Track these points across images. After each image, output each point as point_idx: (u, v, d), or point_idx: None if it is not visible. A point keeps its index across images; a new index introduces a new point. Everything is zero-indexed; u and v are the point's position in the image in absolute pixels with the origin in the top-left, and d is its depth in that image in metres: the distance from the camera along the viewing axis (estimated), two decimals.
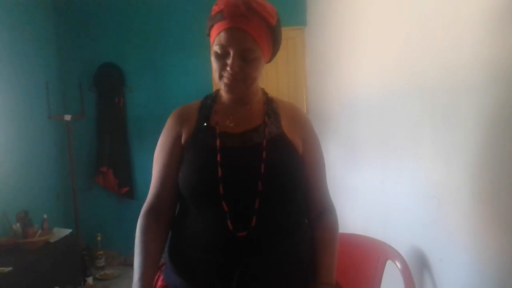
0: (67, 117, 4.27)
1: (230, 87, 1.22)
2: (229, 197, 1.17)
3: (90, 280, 3.84)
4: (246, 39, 1.16)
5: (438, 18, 1.64)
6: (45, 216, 3.64)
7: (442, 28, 1.61)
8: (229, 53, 1.17)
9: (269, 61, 1.32)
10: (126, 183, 4.54)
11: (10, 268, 2.82)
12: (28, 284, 2.98)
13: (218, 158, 1.20)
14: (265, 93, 1.39)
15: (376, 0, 2.34)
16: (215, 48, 1.19)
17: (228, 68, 1.18)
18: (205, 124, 1.29)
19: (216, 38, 1.18)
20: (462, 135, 1.50)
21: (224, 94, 1.31)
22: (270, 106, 1.34)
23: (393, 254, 1.85)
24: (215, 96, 1.38)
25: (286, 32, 4.33)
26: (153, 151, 1.38)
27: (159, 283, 1.33)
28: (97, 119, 4.51)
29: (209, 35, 1.26)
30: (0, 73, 3.52)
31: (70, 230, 3.75)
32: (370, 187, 2.48)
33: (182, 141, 1.31)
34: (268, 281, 1.19)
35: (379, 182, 2.33)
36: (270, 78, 4.39)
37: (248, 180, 1.19)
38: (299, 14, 4.36)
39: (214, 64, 1.22)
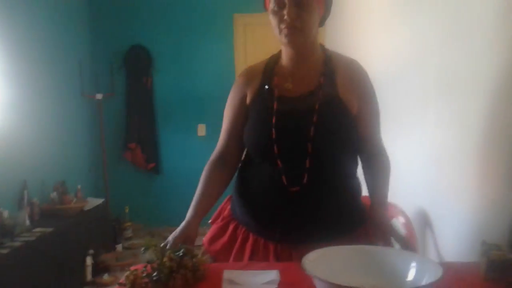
0: (99, 96, 4.55)
1: (290, 36, 1.31)
2: (283, 156, 1.35)
3: (119, 247, 4.14)
4: None
5: None
6: (79, 186, 3.94)
7: (445, 9, 1.79)
8: (285, 4, 1.28)
9: (322, 23, 1.41)
10: (153, 159, 4.83)
11: (51, 229, 3.12)
12: (67, 244, 3.29)
13: (273, 121, 1.35)
14: (324, 50, 1.45)
15: None
16: (272, 5, 1.31)
17: (285, 18, 1.28)
18: (266, 86, 1.42)
19: None
20: (460, 104, 1.68)
21: (284, 49, 1.40)
22: (328, 65, 1.41)
23: (398, 211, 2.05)
24: (277, 57, 1.47)
25: None
26: (178, 129, 1.58)
27: (226, 211, 1.55)
28: (126, 98, 4.80)
29: (265, 7, 1.39)
30: (37, 53, 3.81)
31: (103, 200, 4.05)
32: None
33: (247, 100, 1.45)
34: (313, 226, 1.37)
35: (389, 149, 2.52)
36: None
37: (299, 142, 1.34)
38: None
39: (273, 21, 1.33)
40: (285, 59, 1.44)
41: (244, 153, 1.53)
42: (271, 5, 1.33)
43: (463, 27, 1.66)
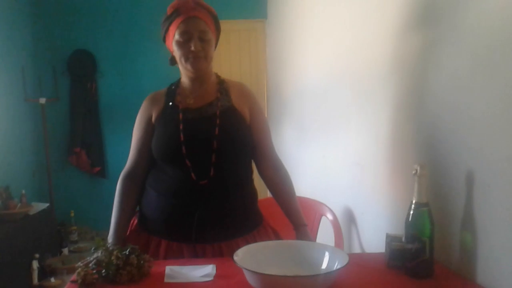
0: (42, 100, 4.54)
1: (195, 64, 1.55)
2: (191, 156, 1.56)
3: (65, 250, 4.17)
4: (200, 23, 1.55)
5: (362, 21, 2.07)
6: (23, 191, 3.92)
7: (364, 30, 2.04)
8: (190, 38, 1.53)
9: (215, 46, 1.67)
10: (98, 163, 4.87)
11: None
12: (13, 249, 3.31)
13: (181, 127, 1.58)
14: (217, 76, 1.72)
15: (321, 0, 2.76)
16: (177, 38, 1.55)
17: (192, 48, 1.52)
18: (170, 103, 1.66)
19: (177, 30, 1.54)
20: (376, 114, 1.93)
21: (188, 74, 1.61)
22: (221, 85, 1.68)
23: (326, 210, 2.29)
24: (178, 82, 1.71)
25: (248, 24, 4.74)
26: (124, 133, 1.75)
27: (133, 226, 1.71)
28: (71, 102, 4.82)
29: (164, 39, 1.62)
30: None
31: (48, 204, 4.06)
32: (315, 160, 2.95)
33: (153, 119, 1.67)
34: (222, 219, 1.59)
35: (322, 156, 2.78)
36: (234, 66, 4.77)
37: (205, 141, 1.56)
38: (260, 8, 4.76)
39: (178, 52, 1.56)
40: (186, 82, 1.67)
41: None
42: (177, 37, 1.55)
43: (376, 50, 1.91)
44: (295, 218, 1.70)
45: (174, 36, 1.56)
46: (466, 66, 1.26)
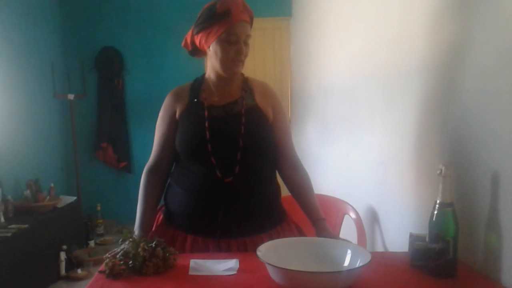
0: (71, 96, 4.65)
1: (236, 68, 1.57)
2: (216, 153, 1.57)
3: (92, 243, 4.26)
4: (247, 28, 1.57)
5: (388, 18, 2.06)
6: (52, 184, 4.03)
7: (391, 27, 2.03)
8: (237, 41, 1.54)
9: None
10: (124, 158, 4.96)
11: (26, 225, 3.24)
12: (42, 240, 3.42)
13: (206, 125, 1.59)
14: (241, 74, 1.71)
15: None
16: (225, 38, 1.54)
17: (240, 53, 1.54)
18: (195, 100, 1.67)
19: (226, 31, 1.52)
20: (401, 113, 1.92)
21: (222, 74, 1.61)
22: (246, 83, 1.69)
23: (349, 208, 2.29)
24: (202, 78, 1.71)
25: (273, 22, 4.75)
26: (150, 129, 1.77)
27: (160, 220, 1.74)
28: (98, 98, 4.91)
29: (198, 32, 1.60)
30: (11, 54, 3.89)
31: (75, 198, 4.17)
32: (338, 159, 2.94)
33: (177, 115, 1.68)
34: (246, 216, 1.60)
35: (345, 154, 2.77)
36: (259, 64, 4.78)
37: (231, 139, 1.58)
38: (285, 6, 4.76)
39: (222, 53, 1.54)
40: (213, 79, 1.67)
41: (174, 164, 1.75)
42: (224, 37, 1.53)
43: (404, 47, 1.90)
44: (312, 212, 1.68)
45: (219, 35, 1.54)
46: (492, 67, 1.25)
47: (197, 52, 1.68)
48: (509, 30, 1.18)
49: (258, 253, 1.24)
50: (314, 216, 1.67)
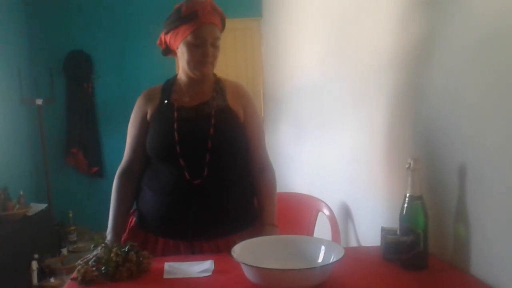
0: (39, 101, 4.54)
1: (204, 70, 1.56)
2: (185, 155, 1.56)
3: (64, 251, 4.18)
4: (215, 30, 1.56)
5: (356, 17, 2.09)
6: (21, 192, 3.93)
7: (359, 25, 2.06)
8: (203, 44, 1.53)
9: None
10: (96, 163, 4.88)
11: None
12: (12, 249, 3.33)
13: (175, 126, 1.58)
14: (214, 74, 1.70)
15: None
16: (190, 40, 1.52)
17: (206, 55, 1.53)
18: (165, 101, 1.65)
19: (192, 34, 1.51)
20: (371, 110, 1.95)
21: (192, 76, 1.60)
22: (218, 84, 1.69)
23: (323, 206, 2.31)
24: (174, 79, 1.71)
25: (244, 23, 4.75)
26: (122, 133, 1.74)
27: (132, 223, 1.72)
28: (67, 103, 4.83)
29: (167, 32, 1.59)
30: None
31: (46, 205, 4.07)
32: (311, 157, 2.97)
33: (148, 116, 1.67)
34: (217, 217, 1.59)
35: (318, 152, 2.79)
36: (230, 65, 4.78)
37: (200, 140, 1.57)
38: (255, 6, 4.77)
39: (188, 54, 1.54)
40: (184, 80, 1.66)
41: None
42: (190, 39, 1.52)
43: (372, 44, 1.93)
44: (266, 218, 1.67)
45: (185, 37, 1.53)
46: (459, 61, 1.28)
47: (169, 51, 1.67)
48: (474, 27, 1.21)
49: (233, 253, 1.24)
50: (266, 221, 1.66)
